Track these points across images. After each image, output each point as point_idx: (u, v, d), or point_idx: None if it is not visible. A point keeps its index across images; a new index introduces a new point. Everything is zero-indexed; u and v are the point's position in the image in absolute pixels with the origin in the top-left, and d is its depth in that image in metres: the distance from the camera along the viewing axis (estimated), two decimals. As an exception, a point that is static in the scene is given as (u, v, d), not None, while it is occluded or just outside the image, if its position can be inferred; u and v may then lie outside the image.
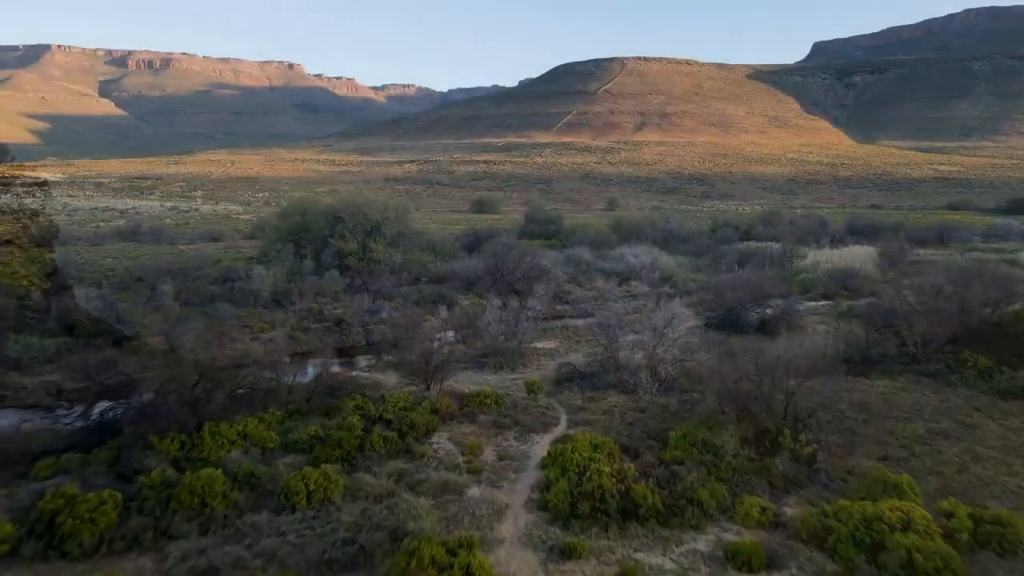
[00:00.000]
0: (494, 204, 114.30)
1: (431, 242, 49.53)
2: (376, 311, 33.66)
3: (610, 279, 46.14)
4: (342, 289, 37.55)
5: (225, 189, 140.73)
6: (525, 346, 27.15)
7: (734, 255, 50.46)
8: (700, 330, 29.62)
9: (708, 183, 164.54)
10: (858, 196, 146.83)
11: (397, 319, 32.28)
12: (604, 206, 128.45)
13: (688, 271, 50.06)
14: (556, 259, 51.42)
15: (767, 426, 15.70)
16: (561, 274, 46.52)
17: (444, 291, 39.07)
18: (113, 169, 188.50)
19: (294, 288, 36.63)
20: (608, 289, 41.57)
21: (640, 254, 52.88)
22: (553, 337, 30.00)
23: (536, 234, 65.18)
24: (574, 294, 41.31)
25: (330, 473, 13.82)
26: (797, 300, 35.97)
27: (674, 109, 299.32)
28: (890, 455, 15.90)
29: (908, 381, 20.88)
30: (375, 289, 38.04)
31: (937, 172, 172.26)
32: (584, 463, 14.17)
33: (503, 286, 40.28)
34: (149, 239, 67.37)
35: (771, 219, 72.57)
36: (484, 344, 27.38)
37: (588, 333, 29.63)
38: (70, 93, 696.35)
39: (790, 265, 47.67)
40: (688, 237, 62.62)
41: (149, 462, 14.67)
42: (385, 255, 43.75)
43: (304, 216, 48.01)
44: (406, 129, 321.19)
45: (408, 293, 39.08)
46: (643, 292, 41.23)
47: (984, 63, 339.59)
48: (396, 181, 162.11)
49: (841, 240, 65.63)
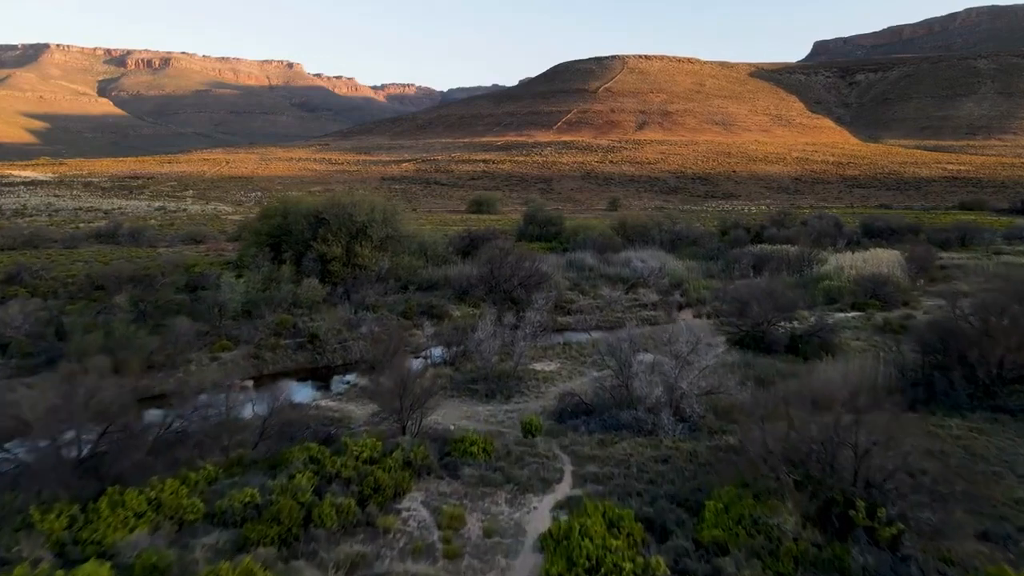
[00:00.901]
0: (493, 204, 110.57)
1: (422, 245, 45.94)
2: (357, 323, 30.08)
3: (616, 286, 42.59)
4: (321, 299, 33.96)
5: (217, 189, 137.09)
6: (523, 367, 23.57)
7: (748, 259, 46.85)
8: (722, 347, 26.15)
9: (712, 182, 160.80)
10: (867, 196, 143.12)
11: (379, 334, 28.75)
12: (606, 206, 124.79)
13: (699, 276, 46.51)
14: (557, 264, 47.87)
15: (833, 495, 12.10)
16: (563, 280, 42.97)
17: (434, 300, 35.51)
18: (105, 168, 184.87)
19: (268, 298, 33.06)
20: (615, 298, 37.97)
21: (647, 258, 49.34)
22: (554, 356, 26.41)
23: (536, 236, 61.59)
24: (577, 303, 37.76)
25: (255, 570, 10.24)
26: (826, 312, 32.44)
27: (676, 108, 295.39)
28: (991, 531, 12.32)
29: (984, 421, 17.28)
30: (358, 299, 34.46)
31: (946, 171, 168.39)
32: (597, 553, 10.59)
33: (499, 295, 36.74)
34: (127, 241, 63.84)
35: (783, 220, 68.91)
36: (475, 366, 23.81)
37: (594, 351, 26.10)
38: (69, 92, 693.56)
39: (810, 271, 44.08)
40: (697, 239, 58.99)
41: (22, 548, 11.10)
42: (371, 260, 40.17)
43: (285, 217, 44.36)
44: (404, 128, 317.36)
45: (395, 303, 35.53)
46: (652, 301, 37.66)
47: (989, 61, 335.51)
48: (393, 180, 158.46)
49: (858, 242, 62.03)
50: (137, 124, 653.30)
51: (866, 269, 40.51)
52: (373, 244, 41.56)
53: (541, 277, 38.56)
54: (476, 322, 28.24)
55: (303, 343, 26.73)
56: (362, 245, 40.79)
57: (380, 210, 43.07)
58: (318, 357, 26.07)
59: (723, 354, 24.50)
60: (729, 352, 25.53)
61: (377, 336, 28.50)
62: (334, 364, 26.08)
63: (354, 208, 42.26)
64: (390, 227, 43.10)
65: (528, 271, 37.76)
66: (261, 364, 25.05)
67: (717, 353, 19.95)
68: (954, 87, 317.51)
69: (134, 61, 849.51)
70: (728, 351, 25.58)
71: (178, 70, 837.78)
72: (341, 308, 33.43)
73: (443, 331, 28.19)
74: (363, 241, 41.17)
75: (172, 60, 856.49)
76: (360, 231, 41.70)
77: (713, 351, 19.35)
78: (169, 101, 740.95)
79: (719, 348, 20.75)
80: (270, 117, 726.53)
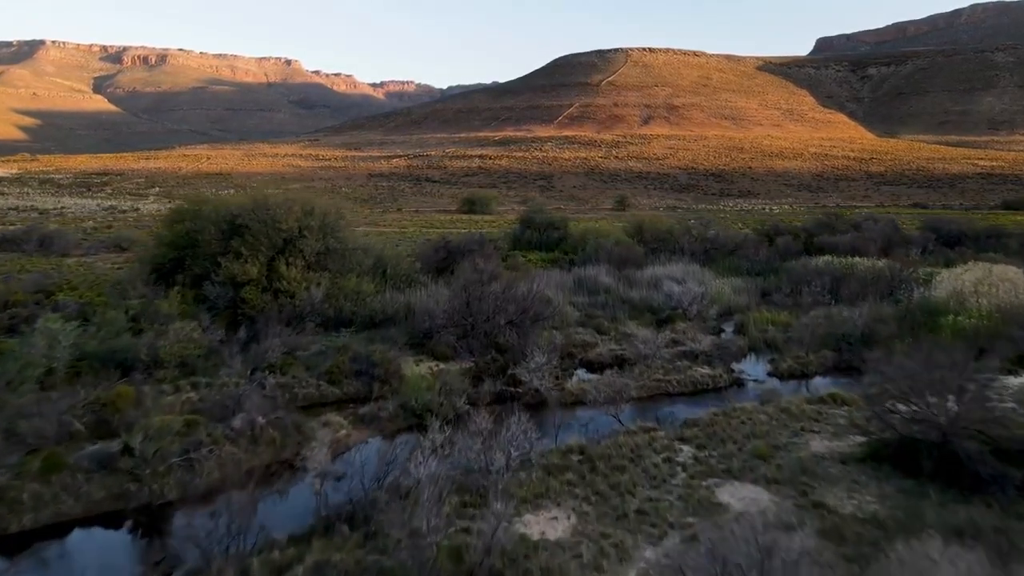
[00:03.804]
0: (487, 203, 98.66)
1: (380, 261, 34.05)
2: (238, 404, 18.16)
3: (643, 317, 30.72)
4: (200, 352, 22.10)
5: (187, 186, 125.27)
6: (504, 541, 11.57)
7: (815, 277, 34.97)
8: (843, 464, 14.42)
9: (726, 179, 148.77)
10: (897, 194, 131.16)
11: (265, 428, 16.89)
12: (613, 205, 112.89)
13: (751, 299, 34.68)
14: (562, 283, 36.09)
15: None
16: (570, 310, 31.17)
17: (380, 350, 23.49)
18: (77, 164, 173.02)
19: (113, 351, 21.25)
20: (646, 340, 25.85)
21: (680, 275, 37.51)
22: (563, 490, 14.09)
23: (534, 243, 49.71)
24: (595, 349, 25.88)
25: None
26: (990, 376, 20.51)
27: (682, 102, 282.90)
28: None
29: None
30: (262, 350, 22.57)
31: (978, 167, 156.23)
32: None
33: (478, 340, 24.93)
34: (35, 248, 52.05)
35: (832, 223, 57.00)
36: (400, 539, 11.65)
37: (642, 476, 14.27)
38: (63, 89, 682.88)
39: (907, 295, 32.22)
40: (735, 248, 47.12)
41: None
42: (300, 284, 28.37)
43: (196, 222, 32.42)
44: (398, 123, 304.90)
45: (320, 353, 23.68)
46: (702, 347, 25.63)
47: (1007, 54, 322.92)
48: (381, 177, 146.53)
49: (932, 251, 50.19)
50: (132, 121, 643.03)
51: (1000, 295, 28.65)
52: (305, 261, 29.74)
53: (540, 309, 26.78)
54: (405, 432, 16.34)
55: (113, 458, 14.89)
56: (288, 263, 28.96)
57: (318, 215, 31.20)
58: (132, 487, 14.25)
59: (862, 483, 12.78)
60: (880, 486, 13.72)
61: (259, 434, 16.67)
62: (166, 499, 14.25)
63: (283, 211, 30.39)
64: (333, 237, 31.25)
65: (522, 302, 25.96)
66: (14, 512, 13.24)
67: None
68: (971, 81, 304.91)
69: (130, 58, 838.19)
70: (878, 485, 13.76)
71: (175, 67, 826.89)
72: (234, 364, 21.65)
73: (351, 442, 16.24)
74: (291, 257, 29.34)
75: (169, 57, 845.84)
76: (288, 243, 29.89)
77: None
78: (165, 98, 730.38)
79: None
80: (267, 114, 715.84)
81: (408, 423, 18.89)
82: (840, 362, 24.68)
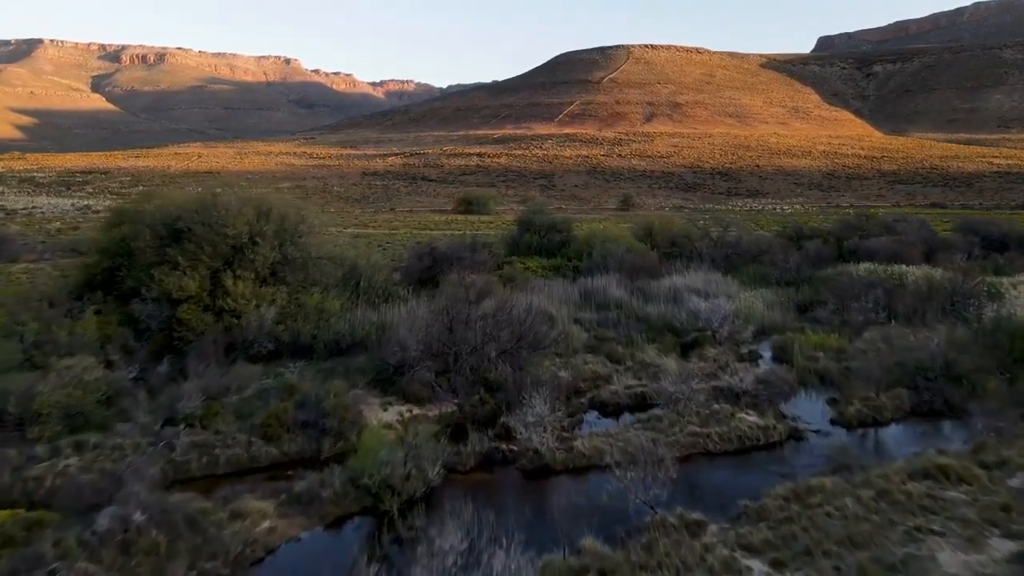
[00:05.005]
0: (485, 203, 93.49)
1: (355, 271, 28.91)
2: (117, 485, 13.04)
3: (664, 339, 25.58)
4: (99, 397, 17.00)
5: (172, 185, 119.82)
6: None
7: (863, 290, 29.82)
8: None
9: (734, 178, 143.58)
10: (912, 193, 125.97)
11: (134, 542, 11.84)
12: (617, 205, 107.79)
13: (786, 316, 29.62)
14: (565, 296, 31.02)
15: None
16: (577, 330, 26.09)
17: (337, 389, 18.36)
18: (64, 163, 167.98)
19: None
20: (672, 373, 20.72)
21: (703, 286, 32.41)
22: None
23: (534, 248, 44.52)
24: (610, 386, 20.74)
25: None
26: None
27: (685, 99, 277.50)
28: None
29: None
30: (181, 394, 17.46)
31: (993, 166, 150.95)
32: None
33: (463, 376, 19.84)
34: (-20, 254, 47.00)
35: (863, 225, 51.83)
36: None
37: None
38: (61, 88, 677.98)
39: (976, 314, 27.13)
40: (760, 253, 41.99)
41: None
42: (250, 303, 23.27)
43: (135, 225, 27.23)
44: (396, 121, 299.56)
45: (256, 402, 18.56)
46: (746, 384, 20.46)
47: (1015, 51, 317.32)
48: (375, 176, 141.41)
49: (978, 257, 45.09)
50: (130, 120, 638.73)
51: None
52: (257, 274, 24.61)
53: (540, 332, 21.72)
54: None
55: None
56: (237, 276, 23.83)
57: (276, 218, 26.05)
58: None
59: None
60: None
61: (133, 539, 11.56)
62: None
63: (232, 213, 25.23)
64: (292, 245, 26.10)
65: (518, 326, 20.89)
66: None
67: None
68: (979, 78, 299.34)
69: (129, 56, 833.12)
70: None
71: (173, 66, 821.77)
72: (137, 416, 16.56)
73: (274, 541, 11.27)
74: (240, 269, 24.20)
75: (168, 56, 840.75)
76: (238, 252, 24.74)
77: None
78: (164, 97, 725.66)
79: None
80: (266, 113, 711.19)
81: (361, 504, 13.84)
82: (919, 404, 19.53)
